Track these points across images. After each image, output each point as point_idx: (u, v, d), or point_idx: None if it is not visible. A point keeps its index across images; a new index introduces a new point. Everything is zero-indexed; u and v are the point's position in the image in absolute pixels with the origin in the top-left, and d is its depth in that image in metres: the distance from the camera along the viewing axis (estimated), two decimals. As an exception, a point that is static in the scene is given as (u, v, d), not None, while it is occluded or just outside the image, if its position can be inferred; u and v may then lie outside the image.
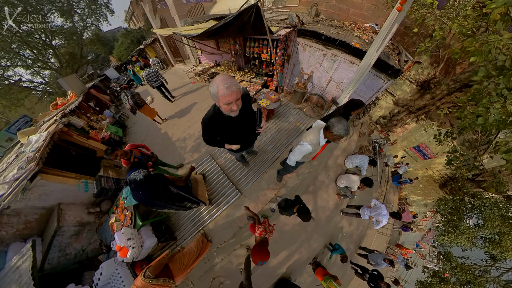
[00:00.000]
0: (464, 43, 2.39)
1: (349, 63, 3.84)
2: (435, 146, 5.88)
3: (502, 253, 4.22)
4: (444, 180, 6.73)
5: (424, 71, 4.91)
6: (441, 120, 4.97)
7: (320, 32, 3.57)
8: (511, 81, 2.02)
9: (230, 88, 1.13)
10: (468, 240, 4.61)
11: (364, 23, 4.37)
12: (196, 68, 6.43)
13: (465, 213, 5.01)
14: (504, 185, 4.60)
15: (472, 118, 2.58)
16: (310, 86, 4.82)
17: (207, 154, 3.78)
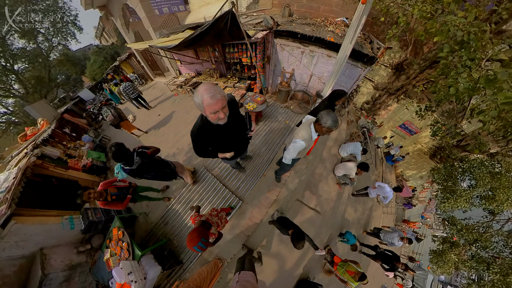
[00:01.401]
0: (426, 26, 2.71)
1: (327, 57, 4.03)
2: (419, 121, 6.32)
3: (498, 206, 4.51)
4: (433, 151, 7.20)
5: (396, 55, 5.36)
6: (419, 96, 5.41)
7: (295, 31, 3.72)
8: (472, 53, 2.32)
9: (214, 96, 1.12)
10: (466, 201, 4.85)
11: (335, 18, 4.64)
12: (177, 80, 6.35)
13: (458, 177, 5.28)
14: (485, 145, 5.04)
15: (445, 90, 2.87)
16: (293, 83, 4.98)
17: (200, 167, 3.67)
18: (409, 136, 7.39)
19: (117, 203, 2.25)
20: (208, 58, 5.20)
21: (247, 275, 1.84)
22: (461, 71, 2.38)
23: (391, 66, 5.49)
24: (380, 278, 6.94)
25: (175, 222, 3.21)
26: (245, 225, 2.93)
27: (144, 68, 9.18)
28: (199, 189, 3.37)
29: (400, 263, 3.51)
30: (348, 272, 2.92)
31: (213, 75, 5.61)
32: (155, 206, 3.49)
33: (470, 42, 2.34)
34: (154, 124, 5.55)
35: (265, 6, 5.00)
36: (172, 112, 5.75)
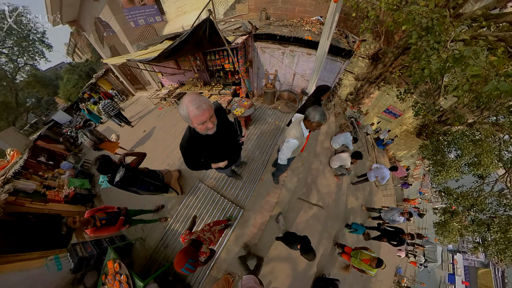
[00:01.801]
0: (394, 16, 2.95)
1: (307, 55, 4.17)
2: (401, 104, 6.76)
3: (485, 170, 4.85)
4: (418, 129, 7.77)
5: (370, 46, 5.71)
6: (397, 81, 5.79)
7: (274, 33, 3.83)
8: (437, 36, 2.58)
9: (200, 107, 1.10)
10: (456, 171, 5.16)
11: (310, 17, 4.86)
12: (160, 93, 6.22)
13: (444, 150, 5.62)
14: (463, 117, 5.42)
15: (419, 72, 3.08)
16: (278, 84, 5.08)
17: (194, 180, 3.53)
18: (394, 119, 7.94)
19: (108, 227, 2.11)
20: (190, 68, 5.16)
21: (249, 280, 1.81)
22: (430, 54, 2.62)
23: (367, 57, 5.84)
24: (394, 260, 7.62)
25: (176, 243, 3.04)
26: (250, 233, 2.85)
27: (124, 84, 8.90)
28: (196, 203, 3.26)
29: (405, 234, 3.64)
30: (364, 261, 2.90)
31: (197, 84, 5.57)
32: (152, 229, 3.28)
33: (434, 27, 2.60)
34: (140, 141, 5.34)
35: (242, 11, 5.11)
36: (158, 127, 5.57)
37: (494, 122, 5.37)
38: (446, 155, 5.65)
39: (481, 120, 5.65)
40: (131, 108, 7.91)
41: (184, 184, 3.58)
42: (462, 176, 5.44)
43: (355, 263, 3.02)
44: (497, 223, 4.54)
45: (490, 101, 4.85)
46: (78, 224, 1.89)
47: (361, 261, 2.93)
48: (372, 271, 2.83)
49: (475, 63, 2.15)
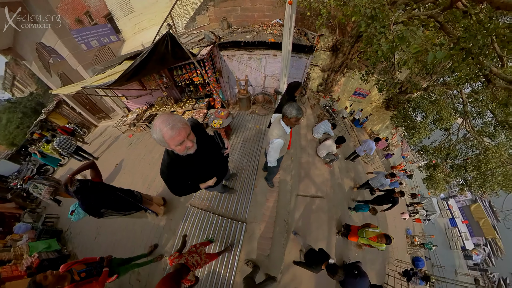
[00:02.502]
0: (343, 11, 3.40)
1: (273, 56, 4.39)
2: (365, 85, 7.66)
3: (447, 122, 6.02)
4: (386, 103, 9.08)
5: (328, 39, 6.39)
6: (358, 66, 6.58)
7: (238, 40, 3.96)
8: (381, 22, 3.01)
9: (175, 127, 1.04)
10: (426, 130, 6.29)
11: (270, 21, 5.20)
12: (127, 119, 5.82)
13: (412, 115, 6.92)
14: (418, 84, 6.40)
15: (374, 55, 3.51)
16: (251, 89, 5.20)
17: (184, 206, 3.26)
18: (363, 99, 9.10)
19: (91, 281, 1.81)
20: (157, 86, 4.97)
21: None
22: (379, 38, 3.03)
23: (328, 49, 6.50)
24: (401, 225, 8.76)
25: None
26: (259, 245, 2.74)
27: (82, 115, 8.10)
28: (192, 230, 3.01)
29: (396, 193, 3.91)
30: (371, 239, 2.95)
31: (167, 103, 5.38)
32: (149, 275, 2.85)
33: (378, 15, 3.04)
34: (114, 177, 4.70)
35: (203, 22, 5.19)
36: (132, 157, 5.03)
37: (443, 82, 6.69)
38: (414, 119, 6.94)
39: (432, 83, 6.92)
40: (96, 141, 7.19)
41: (173, 212, 3.29)
42: (431, 133, 6.64)
43: (364, 241, 3.08)
44: (470, 163, 5.45)
45: (435, 67, 5.98)
46: (51, 279, 1.61)
47: (369, 239, 3.00)
48: (382, 246, 2.89)
49: (414, 41, 2.55)
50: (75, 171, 2.10)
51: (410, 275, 5.77)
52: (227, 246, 2.69)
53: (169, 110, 5.17)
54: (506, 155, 4.95)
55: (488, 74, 3.14)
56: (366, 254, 4.04)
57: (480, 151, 5.49)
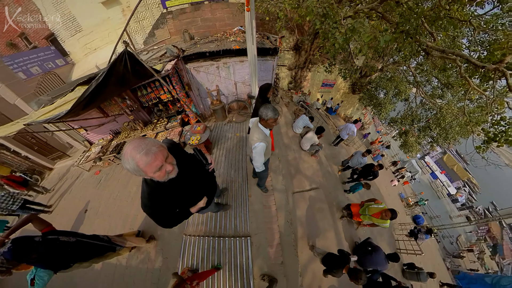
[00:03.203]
0: (298, 12, 3.75)
1: (241, 63, 4.50)
2: (331, 76, 8.97)
3: (405, 94, 7.49)
4: (351, 88, 10.55)
5: (289, 39, 6.97)
6: (321, 60, 7.36)
7: (203, 51, 3.97)
8: (333, 18, 3.42)
9: (149, 152, 0.94)
10: (390, 104, 7.70)
11: (232, 29, 5.39)
12: (90, 153, 5.19)
13: (375, 94, 8.42)
14: (374, 67, 7.88)
15: (332, 48, 3.92)
16: (223, 98, 5.21)
17: (178, 238, 2.96)
18: (331, 89, 10.43)
19: None
20: (121, 111, 4.61)
21: None
22: (334, 32, 3.41)
23: (291, 48, 7.12)
24: (393, 191, 9.99)
25: None
26: (270, 255, 2.67)
27: (30, 159, 6.95)
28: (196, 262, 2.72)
29: (375, 166, 4.19)
30: (374, 216, 2.93)
31: (136, 127, 5.00)
32: None
33: (329, 13, 3.44)
34: (85, 226, 3.94)
35: (163, 36, 5.08)
36: (104, 197, 4.31)
37: (393, 61, 8.18)
38: (378, 97, 8.44)
39: (385, 64, 8.44)
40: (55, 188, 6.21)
41: (167, 249, 2.94)
42: (395, 105, 8.25)
43: (366, 219, 3.10)
44: (432, 122, 6.78)
45: (385, 50, 7.04)
46: None
47: (371, 216, 3.00)
48: (386, 223, 2.84)
49: (364, 31, 2.97)
50: (9, 232, 1.86)
51: (416, 233, 6.24)
52: None
53: (139, 135, 4.82)
54: (456, 109, 6.20)
55: (425, 48, 3.77)
56: (374, 228, 4.18)
57: (437, 111, 6.80)
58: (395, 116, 8.48)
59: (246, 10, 2.86)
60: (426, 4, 4.15)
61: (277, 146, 4.38)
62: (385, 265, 3.15)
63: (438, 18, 3.68)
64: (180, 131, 4.41)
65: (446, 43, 4.42)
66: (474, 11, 4.42)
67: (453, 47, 4.46)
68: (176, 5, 4.69)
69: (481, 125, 5.41)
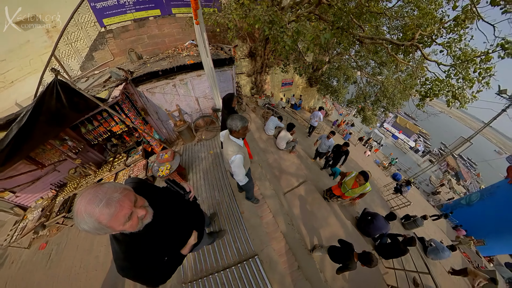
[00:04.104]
0: (247, 21, 4.02)
1: (198, 77, 4.43)
2: (288, 75, 10.22)
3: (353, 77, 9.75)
4: (308, 83, 12.33)
5: (243, 47, 7.34)
6: (276, 62, 8.12)
7: (154, 70, 3.72)
8: (280, 24, 3.78)
9: (111, 201, 0.76)
10: (343, 88, 9.97)
11: (183, 44, 5.30)
12: (26, 222, 4.02)
13: (329, 83, 10.48)
14: (323, 60, 9.25)
15: (283, 50, 4.29)
16: (187, 117, 4.99)
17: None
18: (291, 87, 11.72)
19: None
20: (61, 156, 3.82)
21: None
22: (282, 36, 3.77)
23: (246, 56, 7.50)
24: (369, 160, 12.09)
25: None
26: (284, 264, 2.58)
27: None
28: None
29: (343, 146, 4.55)
30: (354, 187, 3.03)
31: (87, 173, 4.21)
32: None
33: (274, 19, 3.82)
34: None
35: (104, 59, 4.57)
36: (60, 275, 3.18)
37: (337, 53, 10.13)
38: (332, 85, 10.53)
39: (331, 56, 10.31)
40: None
41: None
42: (348, 89, 10.50)
43: (351, 194, 3.23)
44: (380, 95, 9.00)
45: (328, 45, 8.67)
46: None
47: (352, 189, 3.09)
48: (367, 187, 3.00)
49: (307, 31, 3.47)
50: None
51: (399, 188, 7.92)
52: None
53: (93, 181, 4.05)
54: (393, 81, 8.31)
55: (359, 38, 4.62)
56: (366, 199, 4.60)
57: (380, 86, 9.04)
58: (350, 98, 10.52)
59: (195, 24, 2.88)
60: (351, 3, 5.14)
61: (254, 153, 4.41)
62: (387, 226, 3.54)
63: (362, 13, 4.63)
64: (145, 164, 3.95)
65: (373, 31, 5.48)
66: (386, 5, 5.78)
67: (378, 34, 5.62)
68: (115, 22, 4.32)
69: (414, 88, 6.85)
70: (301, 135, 7.41)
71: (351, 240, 2.55)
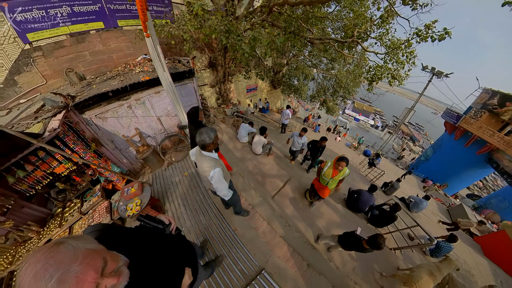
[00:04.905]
0: (203, 31, 4.02)
1: (157, 94, 4.12)
2: (251, 81, 10.89)
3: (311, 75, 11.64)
4: (272, 85, 13.56)
5: (202, 58, 7.25)
6: (237, 70, 8.24)
7: (103, 92, 3.24)
8: (236, 33, 3.92)
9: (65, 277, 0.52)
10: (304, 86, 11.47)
11: (135, 59, 4.88)
12: None
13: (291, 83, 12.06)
14: (281, 63, 11.26)
15: (243, 57, 4.44)
16: (150, 140, 4.58)
17: None
18: (256, 91, 12.24)
19: None
20: (-19, 222, 2.90)
21: None
22: (240, 44, 3.89)
23: (206, 67, 7.39)
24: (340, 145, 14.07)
25: None
26: (293, 269, 2.58)
27: None
28: None
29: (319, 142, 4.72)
30: (334, 175, 2.98)
31: (25, 237, 3.28)
32: None
33: (230, 28, 3.91)
34: None
35: (33, 83, 3.69)
36: None
37: (293, 55, 11.38)
38: (293, 84, 11.86)
39: (289, 58, 11.56)
40: None
41: None
42: (308, 86, 12.06)
43: (333, 184, 3.13)
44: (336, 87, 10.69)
45: (283, 48, 9.68)
46: None
47: (333, 179, 3.03)
48: (345, 171, 2.97)
49: (263, 38, 3.72)
50: None
51: (372, 162, 9.59)
52: None
53: (38, 245, 3.19)
54: (344, 72, 10.01)
55: (309, 40, 5.22)
56: (347, 179, 5.04)
57: (335, 79, 10.64)
58: (312, 93, 12.00)
59: (146, 36, 2.71)
60: (298, 10, 5.76)
61: (232, 164, 4.38)
62: (372, 198, 4.08)
63: (308, 18, 5.22)
64: (107, 206, 3.37)
65: (320, 33, 6.24)
66: (327, 10, 6.85)
67: (325, 34, 6.47)
68: (45, 38, 3.56)
69: (362, 76, 8.39)
70: (275, 136, 7.68)
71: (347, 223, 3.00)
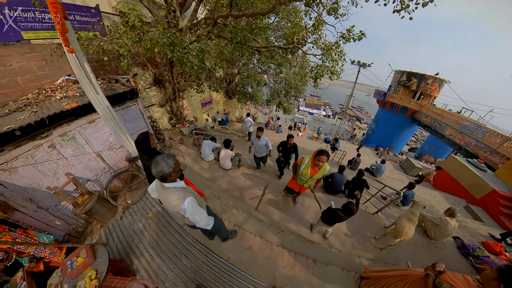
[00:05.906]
0: (142, 45, 3.65)
1: (91, 123, 3.40)
2: (205, 94, 10.94)
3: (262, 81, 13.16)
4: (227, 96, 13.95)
5: (145, 75, 6.60)
6: (187, 84, 8.06)
7: (7, 130, 2.35)
8: (181, 45, 3.79)
9: None
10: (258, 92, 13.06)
11: (53, 82, 3.93)
12: None
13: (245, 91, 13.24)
14: (233, 73, 12.16)
15: (192, 70, 4.39)
16: (91, 185, 3.69)
17: None
18: (212, 105, 12.38)
19: None
20: None
21: None
22: (187, 57, 3.75)
23: (152, 84, 6.73)
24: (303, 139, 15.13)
25: None
26: (301, 270, 2.66)
27: None
28: None
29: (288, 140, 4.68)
30: (312, 172, 2.76)
31: None
32: None
33: (174, 41, 3.67)
34: None
35: None
36: None
37: (243, 64, 12.14)
38: (248, 92, 13.13)
39: (239, 67, 12.58)
40: None
41: None
42: (262, 91, 13.43)
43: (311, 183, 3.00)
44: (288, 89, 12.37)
45: (233, 58, 10.63)
46: None
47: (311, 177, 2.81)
48: (326, 168, 2.74)
49: (210, 49, 3.69)
50: None
51: (334, 146, 11.20)
52: None
53: None
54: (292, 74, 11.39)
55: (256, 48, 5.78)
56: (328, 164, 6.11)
57: (285, 81, 12.10)
58: (267, 98, 13.13)
59: (68, 52, 2.22)
60: (242, 22, 6.16)
61: (204, 188, 4.08)
62: (344, 177, 4.76)
63: (252, 29, 5.58)
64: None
65: (265, 42, 6.96)
66: (268, 21, 7.82)
67: (269, 43, 7.25)
68: None
69: (307, 75, 9.89)
70: (241, 146, 7.57)
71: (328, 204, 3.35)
